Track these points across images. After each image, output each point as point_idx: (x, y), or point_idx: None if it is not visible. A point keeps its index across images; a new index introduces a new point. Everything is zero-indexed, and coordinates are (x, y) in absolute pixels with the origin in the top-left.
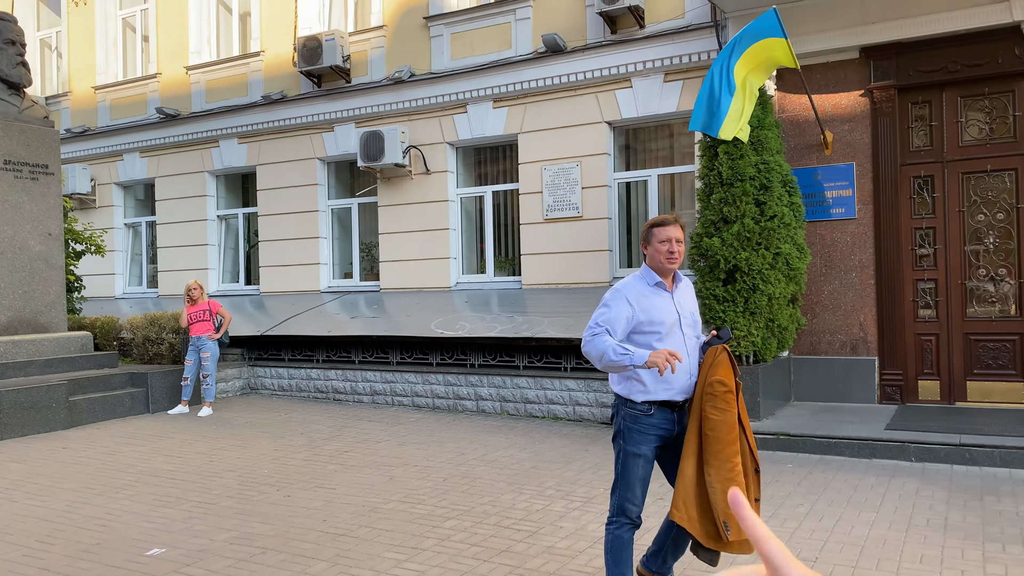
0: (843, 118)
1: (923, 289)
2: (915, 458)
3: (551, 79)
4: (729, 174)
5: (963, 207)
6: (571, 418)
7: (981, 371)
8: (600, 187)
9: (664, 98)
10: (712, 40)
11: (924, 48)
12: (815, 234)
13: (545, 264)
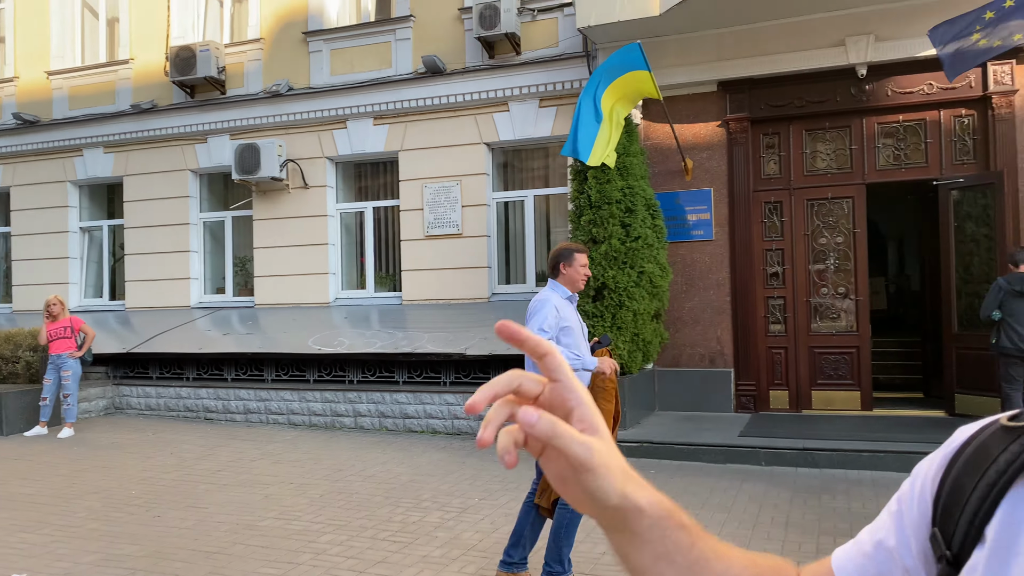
0: (702, 146)
1: (773, 306)
2: (765, 462)
3: (431, 99)
4: (598, 197)
5: (808, 231)
6: (450, 432)
7: (824, 381)
8: (480, 206)
9: (539, 123)
10: (584, 69)
11: (774, 84)
12: (676, 254)
13: (426, 280)
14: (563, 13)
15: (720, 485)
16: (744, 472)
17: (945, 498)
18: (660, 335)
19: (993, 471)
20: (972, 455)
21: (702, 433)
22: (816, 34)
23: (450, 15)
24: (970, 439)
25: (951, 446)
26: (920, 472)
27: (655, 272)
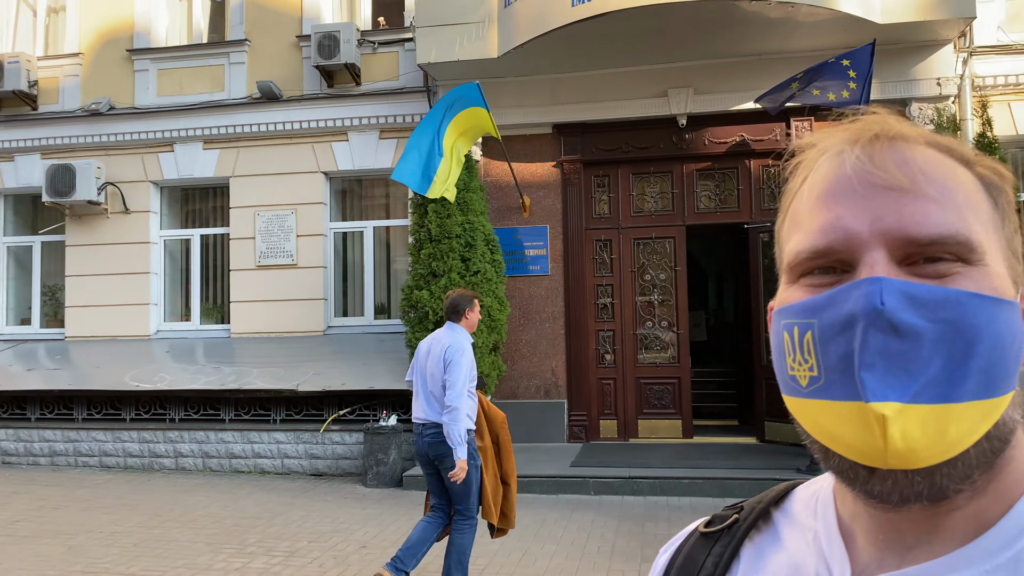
0: (539, 185)
1: (604, 338)
2: (594, 491)
3: (266, 125)
4: (438, 231)
5: (635, 267)
6: (279, 471)
7: (649, 410)
8: (316, 236)
9: (380, 154)
10: (425, 104)
11: (605, 129)
12: (514, 288)
13: (256, 312)
14: (404, 48)
15: (551, 516)
16: (575, 502)
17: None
18: (498, 368)
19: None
20: (682, 567)
21: (536, 464)
22: (642, 85)
23: (288, 42)
24: (676, 552)
25: (658, 566)
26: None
27: (494, 306)
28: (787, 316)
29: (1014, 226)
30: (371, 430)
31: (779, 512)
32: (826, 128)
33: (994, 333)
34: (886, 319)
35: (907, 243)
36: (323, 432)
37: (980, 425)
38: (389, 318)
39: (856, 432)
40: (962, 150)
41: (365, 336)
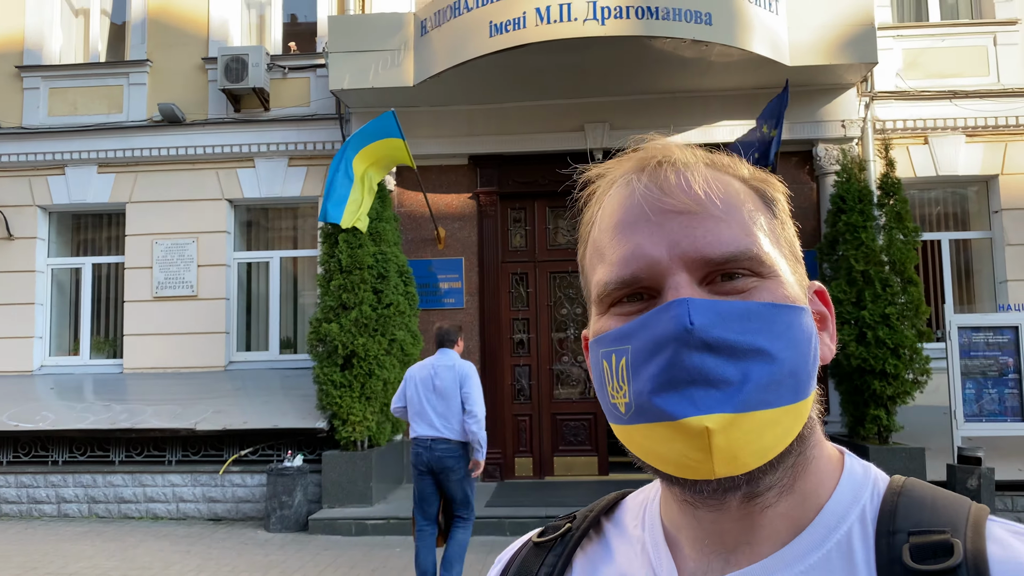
0: (455, 216)
1: (519, 373)
2: (510, 532)
3: (167, 149)
4: (349, 262)
5: (551, 301)
6: (174, 516)
7: (565, 447)
8: (219, 266)
9: (288, 182)
10: (337, 131)
11: (521, 162)
12: (428, 321)
13: (153, 346)
14: (316, 73)
15: (468, 559)
16: (490, 544)
17: None
18: None
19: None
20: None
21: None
22: (559, 118)
23: (193, 64)
24: (510, 561)
25: (494, 573)
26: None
27: (407, 340)
28: (604, 345)
29: (792, 231)
30: (275, 471)
31: (609, 522)
32: (613, 159)
33: (794, 339)
34: (697, 338)
35: (704, 264)
36: (223, 474)
37: (793, 427)
38: (295, 352)
39: (679, 449)
40: (737, 168)
41: (270, 372)
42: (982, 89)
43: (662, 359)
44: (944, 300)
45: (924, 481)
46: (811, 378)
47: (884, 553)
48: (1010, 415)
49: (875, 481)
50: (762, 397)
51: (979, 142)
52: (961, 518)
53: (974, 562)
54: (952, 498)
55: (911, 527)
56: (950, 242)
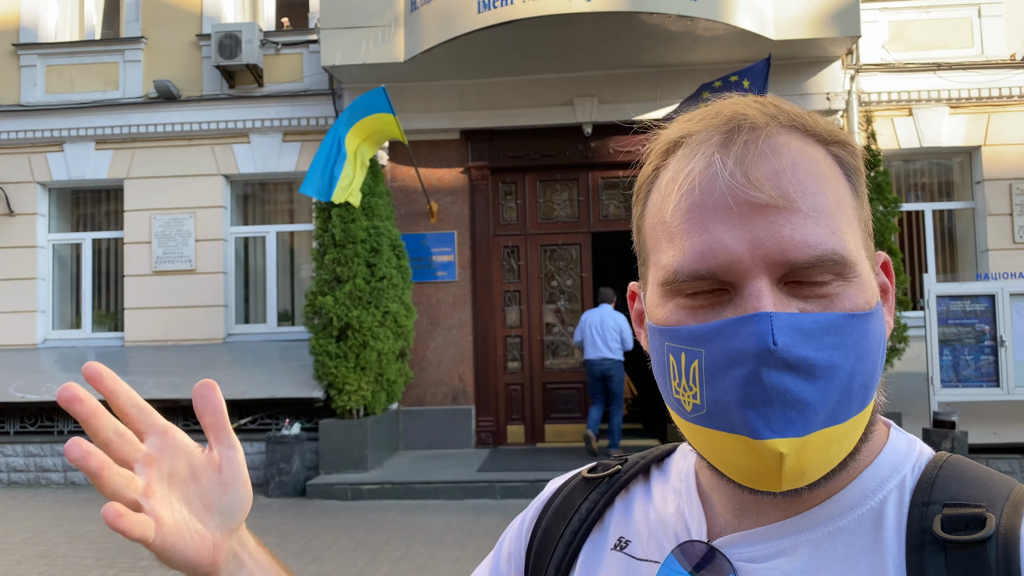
0: (446, 191)
1: (511, 344)
2: (500, 495)
3: (164, 126)
4: (342, 236)
5: (542, 274)
6: None
7: (556, 415)
8: (216, 240)
9: (283, 157)
10: (330, 106)
11: (512, 136)
12: (422, 294)
13: (153, 319)
14: (308, 49)
15: (457, 521)
16: (481, 507)
17: (537, 547)
18: (405, 374)
19: (576, 519)
20: (559, 506)
21: (442, 471)
22: (548, 93)
23: (187, 41)
24: (558, 490)
25: (542, 498)
26: (516, 524)
27: (400, 312)
28: (672, 340)
29: (867, 201)
30: (273, 439)
31: (657, 470)
32: (687, 115)
33: (869, 348)
34: (779, 358)
35: (787, 265)
36: None
37: (858, 433)
38: (293, 325)
39: (749, 463)
40: (819, 127)
41: (267, 344)
42: (966, 61)
43: (740, 374)
44: (927, 269)
45: (971, 460)
46: (877, 379)
47: (916, 522)
48: (985, 381)
49: (919, 454)
50: (833, 414)
51: (963, 113)
52: (1001, 495)
53: (1005, 537)
54: (996, 476)
55: (947, 499)
56: (933, 212)
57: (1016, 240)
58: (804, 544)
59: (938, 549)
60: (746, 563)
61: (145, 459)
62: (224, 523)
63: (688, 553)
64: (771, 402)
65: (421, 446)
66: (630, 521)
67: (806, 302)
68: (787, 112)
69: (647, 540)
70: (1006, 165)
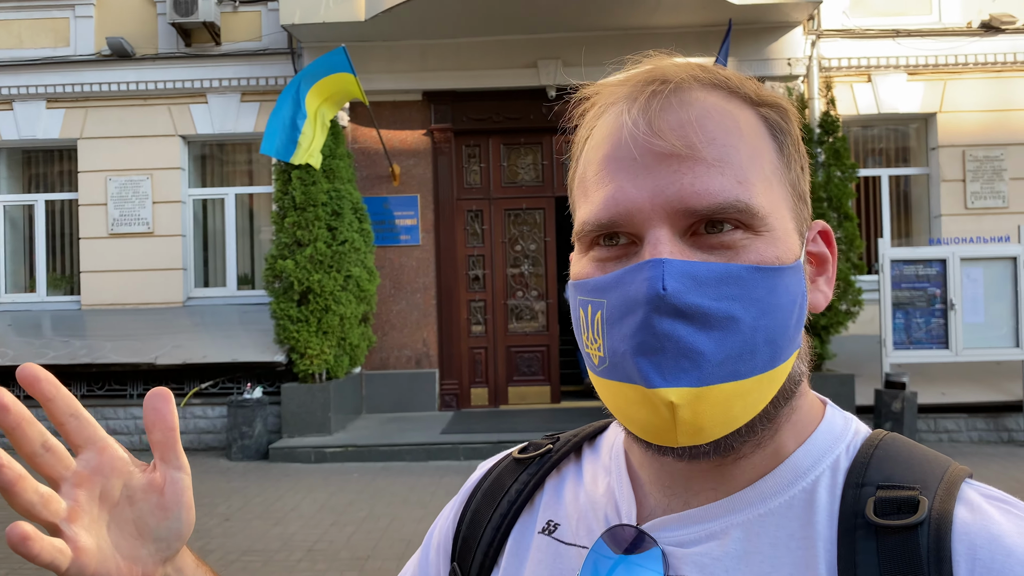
0: (409, 153)
1: (475, 308)
2: (464, 457)
3: (118, 84)
4: (302, 199)
5: (506, 238)
6: (137, 448)
7: (519, 378)
8: (174, 203)
9: (241, 117)
10: (289, 66)
11: (475, 98)
12: (384, 258)
13: (110, 282)
14: (267, 7)
15: (421, 482)
16: (444, 468)
17: (465, 531)
18: (368, 338)
19: (505, 502)
20: (489, 488)
21: (406, 433)
22: (512, 55)
23: None
24: (488, 472)
25: (471, 481)
26: (445, 510)
27: (362, 276)
28: (581, 292)
29: (800, 165)
30: (235, 403)
31: (589, 449)
32: (612, 77)
33: (775, 304)
34: (669, 303)
35: (688, 214)
36: (184, 406)
37: (766, 395)
38: (253, 288)
39: (645, 415)
40: (746, 88)
41: (228, 307)
42: (924, 28)
43: (633, 322)
44: (882, 234)
45: (908, 439)
46: (792, 341)
47: (849, 504)
48: (935, 343)
49: (855, 433)
50: (733, 368)
51: (920, 80)
52: (935, 477)
53: (937, 523)
54: (931, 456)
55: (881, 480)
56: (889, 178)
57: (968, 206)
58: (735, 527)
59: (870, 534)
60: (676, 547)
61: (75, 478)
62: (158, 551)
63: (617, 537)
64: (663, 350)
65: (384, 409)
66: (560, 503)
67: (711, 253)
68: (713, 72)
69: (576, 524)
70: (960, 132)
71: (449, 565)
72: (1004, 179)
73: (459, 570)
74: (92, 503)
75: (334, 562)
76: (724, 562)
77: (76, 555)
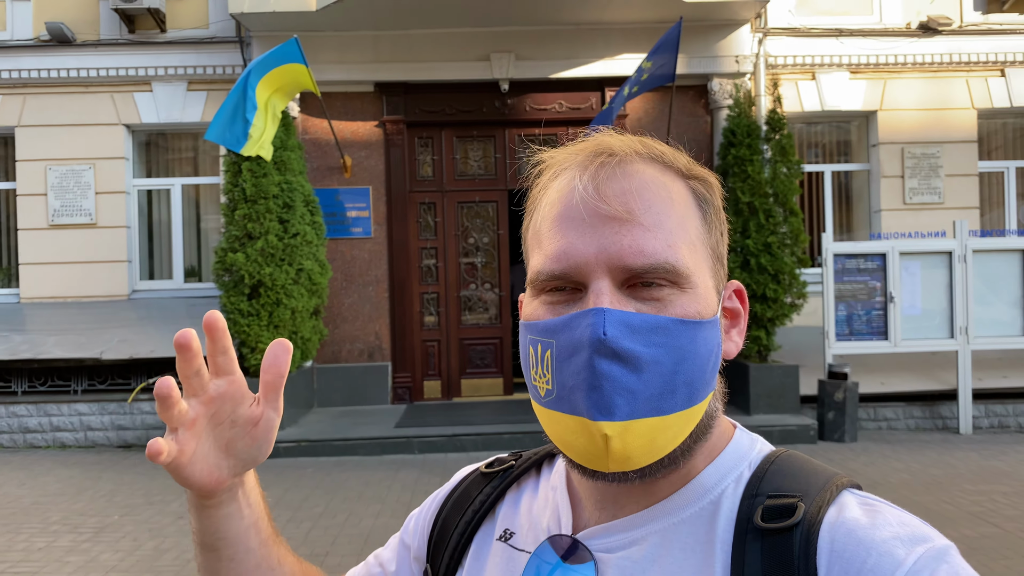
0: (361, 144)
1: (428, 300)
2: (419, 450)
3: (58, 71)
4: (253, 191)
5: (459, 230)
6: (82, 445)
7: (472, 370)
8: (118, 193)
9: (188, 106)
10: (238, 55)
11: (428, 90)
12: (336, 251)
13: (51, 275)
14: None
15: (376, 477)
16: (399, 462)
17: (436, 536)
18: (320, 332)
19: (470, 511)
20: (458, 498)
21: (359, 427)
22: (465, 47)
23: None
24: (459, 484)
25: (446, 489)
26: (422, 510)
27: (314, 269)
28: (532, 332)
29: (720, 231)
30: None
31: (547, 467)
32: (564, 148)
33: (694, 352)
34: (609, 348)
35: (626, 271)
36: (131, 402)
37: (684, 429)
38: (200, 281)
39: (583, 443)
40: (679, 162)
41: (175, 300)
42: (866, 28)
43: (578, 361)
44: (825, 229)
45: (804, 456)
46: (708, 384)
47: (744, 512)
48: (876, 335)
49: (759, 452)
50: (656, 405)
51: (861, 79)
52: (818, 487)
53: (809, 524)
54: (819, 469)
55: (771, 491)
56: (832, 174)
57: (906, 201)
58: (653, 534)
59: (757, 537)
60: (603, 553)
61: (204, 397)
62: (236, 465)
63: (556, 545)
64: (600, 387)
65: (337, 403)
66: (516, 514)
67: (643, 303)
68: (651, 146)
69: (527, 532)
70: (899, 129)
71: (423, 564)
72: (940, 176)
73: (430, 570)
74: (205, 419)
75: None
76: (642, 564)
77: (177, 455)
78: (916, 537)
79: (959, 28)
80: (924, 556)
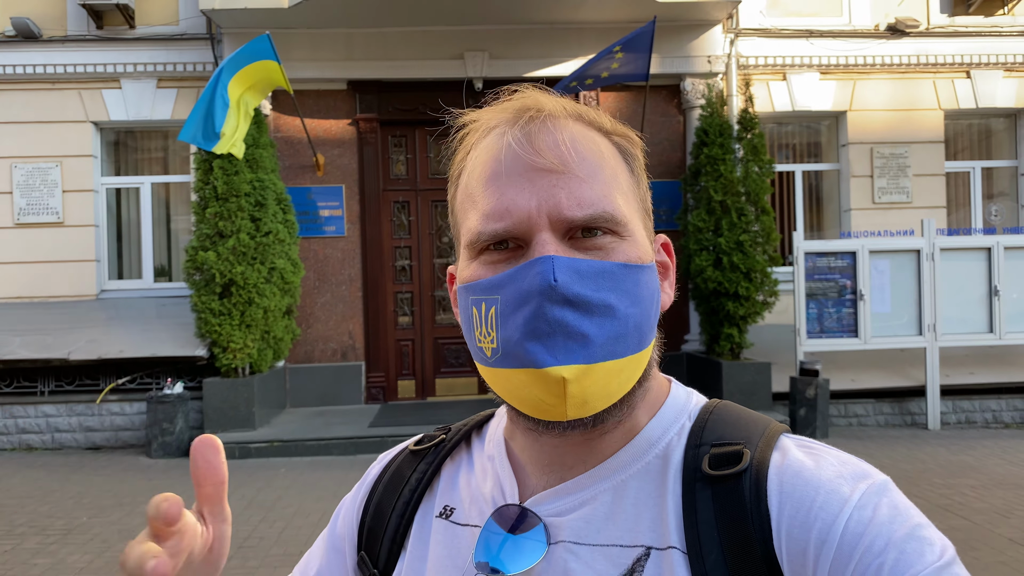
0: (334, 143)
1: (402, 299)
2: None
3: (24, 67)
4: (225, 189)
5: (433, 229)
6: (49, 447)
7: (447, 369)
8: (86, 191)
9: (157, 104)
10: (208, 52)
11: (401, 89)
12: (309, 250)
13: (17, 274)
14: None
15: (349, 477)
16: (373, 462)
17: (370, 522)
18: (292, 331)
19: (407, 491)
20: (390, 480)
21: (333, 427)
22: (439, 46)
23: None
24: (388, 465)
25: (372, 474)
26: (345, 502)
27: (287, 268)
28: (474, 293)
29: (646, 185)
30: (155, 399)
31: (477, 438)
32: (487, 107)
33: (640, 296)
34: (559, 293)
35: (567, 222)
36: (100, 403)
37: (635, 373)
38: (170, 281)
39: (537, 394)
40: (601, 121)
41: (144, 300)
42: (835, 29)
43: (528, 311)
44: (796, 227)
45: (736, 404)
46: (652, 329)
47: (690, 462)
48: (846, 332)
49: (696, 404)
50: (611, 349)
51: (831, 79)
52: (758, 433)
53: (757, 469)
54: (755, 418)
55: (714, 440)
56: (803, 173)
57: (875, 201)
58: (603, 492)
59: (705, 484)
60: (555, 517)
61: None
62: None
63: (504, 516)
64: (553, 334)
65: (310, 403)
66: (455, 489)
67: (586, 253)
68: (574, 106)
69: (469, 507)
70: (868, 129)
71: (356, 554)
72: (908, 175)
73: (367, 558)
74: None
75: (266, 558)
76: (595, 524)
77: None
78: (857, 474)
79: (926, 30)
80: (867, 492)
